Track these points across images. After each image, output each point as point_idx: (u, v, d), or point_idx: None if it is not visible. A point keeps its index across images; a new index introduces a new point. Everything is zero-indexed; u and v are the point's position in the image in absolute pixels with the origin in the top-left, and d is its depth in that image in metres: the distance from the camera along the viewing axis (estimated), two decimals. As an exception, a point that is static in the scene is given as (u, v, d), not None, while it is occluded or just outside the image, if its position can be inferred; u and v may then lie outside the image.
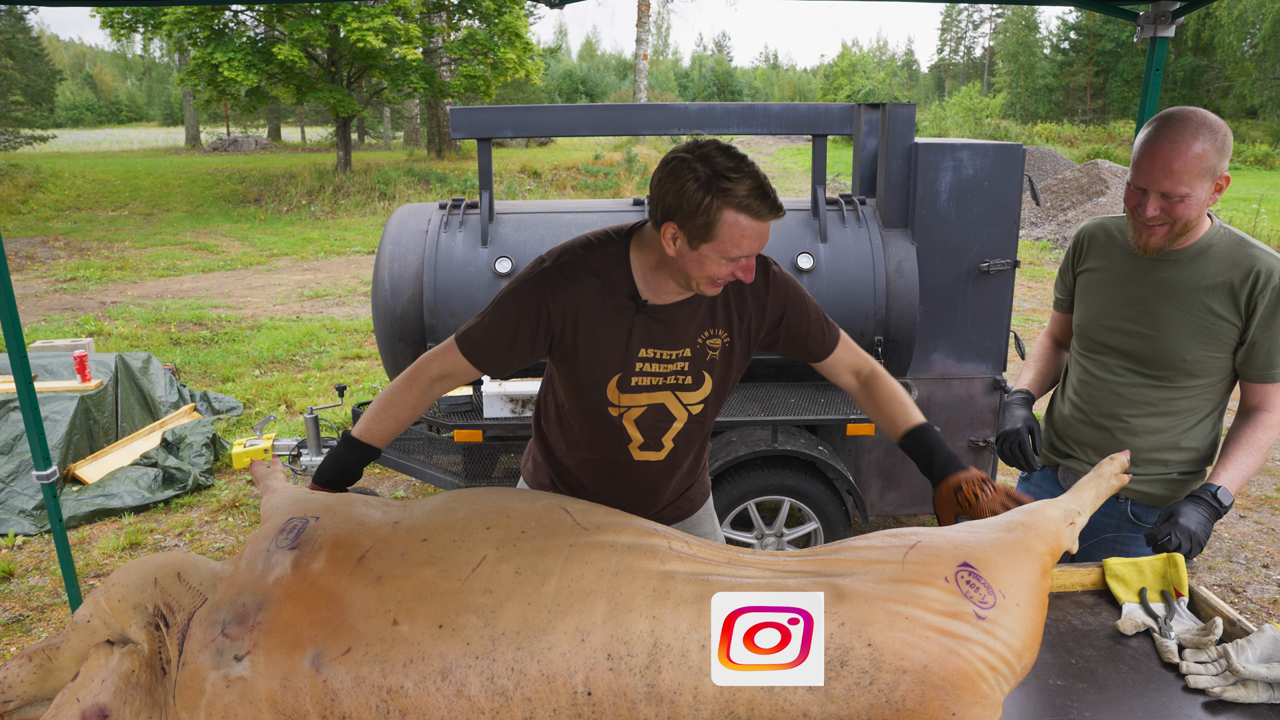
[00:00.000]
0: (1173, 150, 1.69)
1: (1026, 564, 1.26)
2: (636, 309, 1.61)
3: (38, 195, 16.87)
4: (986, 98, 45.25)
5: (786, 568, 1.27)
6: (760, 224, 1.46)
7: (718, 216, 1.43)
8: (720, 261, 1.49)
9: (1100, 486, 1.52)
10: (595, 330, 1.62)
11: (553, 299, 1.59)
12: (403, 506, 1.38)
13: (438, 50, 20.33)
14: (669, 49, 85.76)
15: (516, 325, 1.61)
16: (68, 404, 4.63)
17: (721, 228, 1.44)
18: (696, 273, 1.52)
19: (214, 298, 9.85)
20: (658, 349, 1.65)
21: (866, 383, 1.81)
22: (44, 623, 3.49)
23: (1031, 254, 12.35)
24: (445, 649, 1.12)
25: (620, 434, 1.71)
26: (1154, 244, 1.82)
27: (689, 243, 1.48)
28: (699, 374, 1.69)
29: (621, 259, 1.62)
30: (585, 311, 1.60)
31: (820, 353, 1.78)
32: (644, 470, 1.78)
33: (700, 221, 1.45)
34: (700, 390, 1.71)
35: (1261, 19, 34.00)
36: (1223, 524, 4.38)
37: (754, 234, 1.46)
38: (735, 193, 1.42)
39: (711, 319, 1.67)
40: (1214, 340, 1.84)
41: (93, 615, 1.31)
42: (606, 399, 1.66)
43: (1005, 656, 1.17)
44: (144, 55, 63.92)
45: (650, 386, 1.67)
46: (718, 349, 1.69)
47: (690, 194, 1.44)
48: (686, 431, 1.75)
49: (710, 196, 1.43)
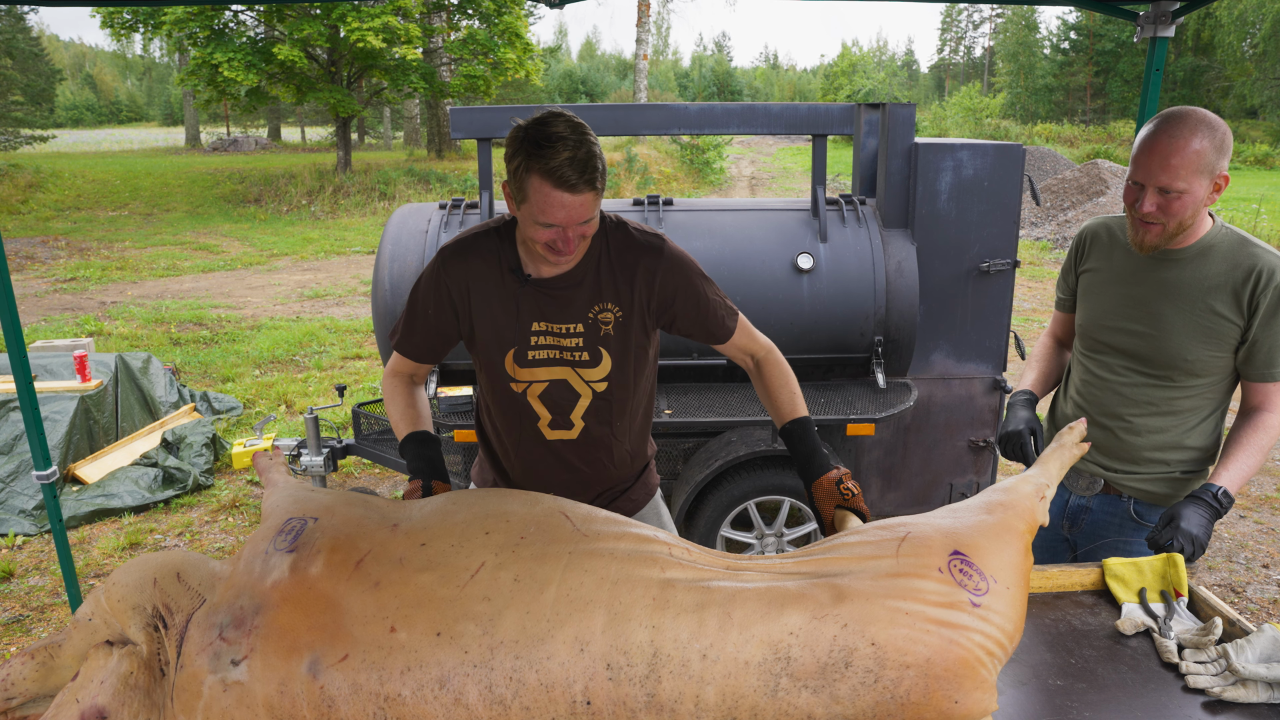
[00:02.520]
0: (1170, 146, 1.70)
1: (1011, 545, 1.29)
2: (521, 282, 1.70)
3: (38, 195, 16.87)
4: (986, 98, 45.22)
5: (784, 570, 1.27)
6: (569, 195, 1.49)
7: (527, 180, 1.50)
8: (535, 226, 1.55)
9: (1064, 457, 1.57)
10: (489, 304, 1.72)
11: (450, 277, 1.71)
12: (402, 508, 1.38)
13: (438, 50, 20.33)
14: (669, 49, 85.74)
15: (426, 309, 1.74)
16: (68, 404, 4.63)
17: (530, 191, 1.51)
18: (526, 234, 1.59)
19: (214, 298, 9.85)
20: (549, 322, 1.72)
21: (759, 366, 1.86)
22: (44, 623, 3.49)
23: (1031, 254, 12.35)
24: (443, 657, 1.12)
25: (527, 411, 1.78)
26: (1150, 241, 1.82)
27: (516, 202, 1.56)
28: (595, 349, 1.74)
29: (509, 236, 1.72)
30: (479, 287, 1.71)
31: (720, 335, 1.83)
32: (561, 451, 1.82)
33: (516, 182, 1.53)
34: (599, 367, 1.75)
35: (1261, 19, 33.98)
36: (1223, 524, 4.38)
37: (559, 204, 1.50)
38: (546, 160, 1.47)
39: (599, 293, 1.72)
40: (1216, 340, 1.84)
41: (94, 614, 1.31)
42: (507, 374, 1.74)
43: (1000, 640, 1.20)
44: (144, 55, 63.90)
45: (547, 360, 1.74)
46: (610, 324, 1.73)
47: (511, 155, 1.52)
48: (595, 410, 1.79)
49: (522, 160, 1.50)
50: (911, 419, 3.81)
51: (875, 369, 3.57)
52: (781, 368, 1.84)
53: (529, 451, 1.83)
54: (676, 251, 1.77)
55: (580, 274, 1.71)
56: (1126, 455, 1.98)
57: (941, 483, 3.91)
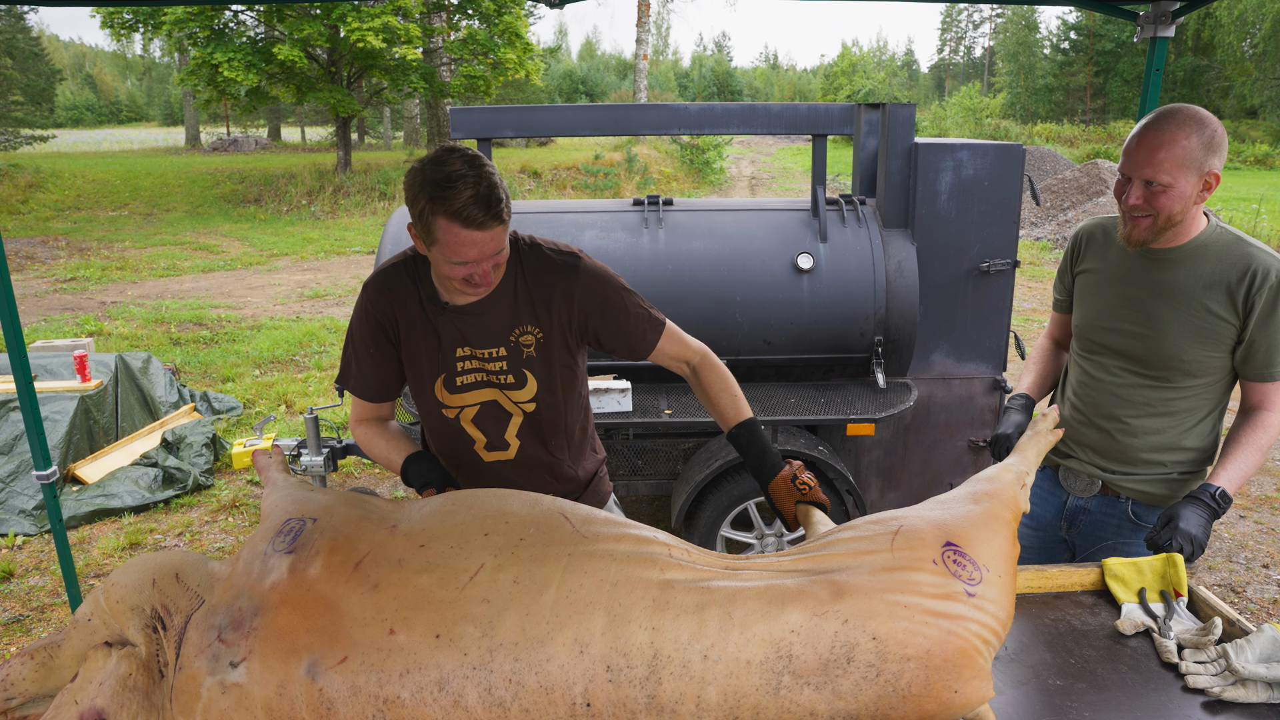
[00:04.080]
0: (1158, 139, 1.71)
1: (999, 533, 1.32)
2: (439, 310, 1.69)
3: (38, 195, 16.87)
4: (986, 98, 45.20)
5: (782, 568, 1.27)
6: (478, 233, 1.48)
7: (433, 222, 1.49)
8: (449, 264, 1.54)
9: (1040, 443, 1.64)
10: (414, 334, 1.71)
11: (377, 310, 1.71)
12: (401, 508, 1.38)
13: (438, 50, 20.32)
14: (669, 49, 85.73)
15: (367, 347, 1.74)
16: (68, 404, 4.63)
17: (438, 233, 1.49)
18: (440, 272, 1.59)
19: (214, 298, 9.85)
20: (472, 348, 1.72)
21: (696, 372, 1.84)
22: (44, 623, 3.49)
23: (1031, 254, 12.34)
24: (442, 659, 1.12)
25: (462, 435, 1.78)
26: (1139, 236, 1.82)
27: (425, 244, 1.55)
28: (519, 372, 1.74)
29: (423, 267, 1.72)
30: (404, 317, 1.71)
31: (642, 349, 1.80)
32: (501, 472, 1.81)
33: (423, 225, 1.51)
34: (525, 389, 1.75)
35: (1261, 19, 33.97)
36: (1223, 524, 4.38)
37: (471, 241, 1.49)
38: (450, 201, 1.46)
39: (516, 316, 1.72)
40: (1212, 340, 1.84)
41: (93, 615, 1.31)
42: (438, 400, 1.74)
43: (994, 628, 1.22)
44: (144, 55, 63.88)
45: (475, 384, 1.74)
46: (532, 345, 1.73)
47: (414, 200, 1.50)
48: (528, 428, 1.79)
49: (425, 203, 1.48)
50: (911, 419, 3.81)
51: (875, 369, 3.57)
52: (719, 371, 1.82)
53: (470, 474, 1.83)
54: (594, 267, 1.75)
55: (497, 298, 1.70)
56: (1124, 456, 1.98)
57: (941, 483, 3.91)
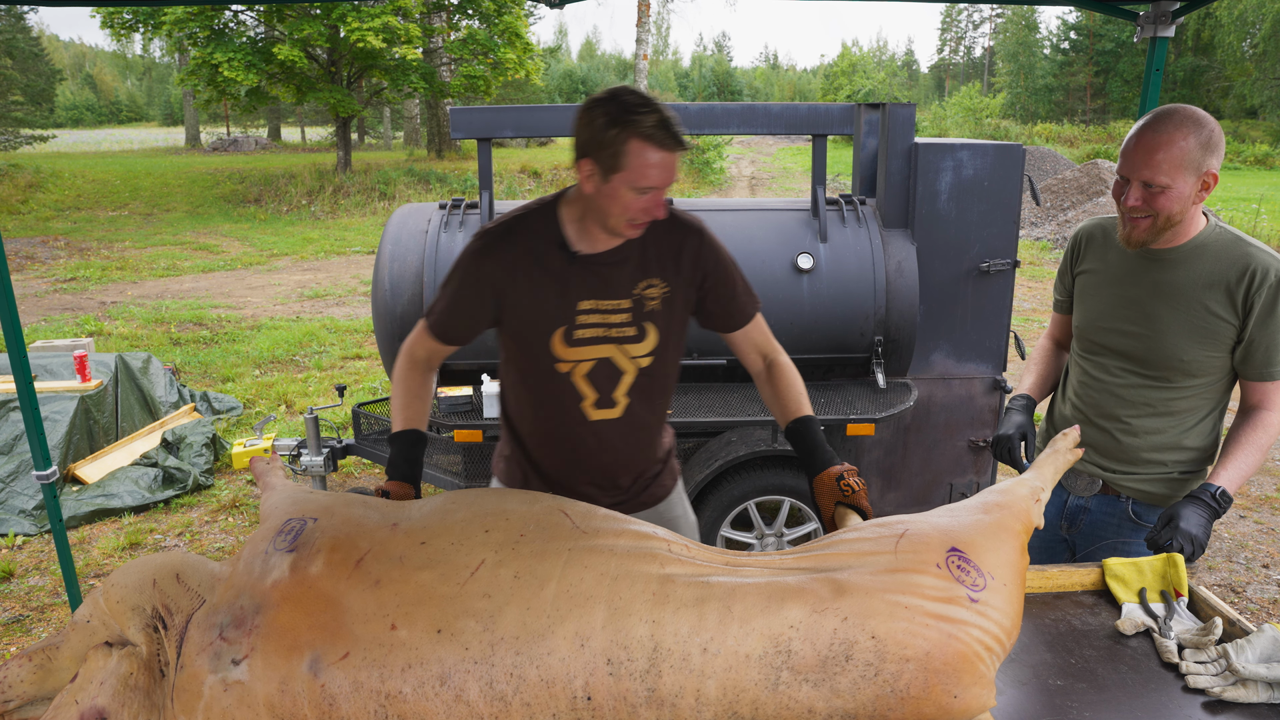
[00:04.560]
0: (1155, 140, 1.72)
1: (1008, 543, 1.31)
2: (569, 260, 1.70)
3: (38, 195, 16.87)
4: (986, 98, 45.22)
5: (784, 565, 1.27)
6: (665, 154, 1.55)
7: (624, 147, 1.53)
8: (630, 194, 1.57)
9: (1058, 462, 1.60)
10: (535, 285, 1.71)
11: (492, 260, 1.70)
12: (401, 508, 1.38)
13: (438, 50, 20.33)
14: (669, 49, 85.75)
15: (466, 292, 1.73)
16: (68, 404, 4.63)
17: (628, 157, 1.53)
18: (612, 208, 1.60)
19: (214, 298, 9.85)
20: (597, 300, 1.72)
21: (770, 367, 1.88)
22: (44, 623, 3.49)
23: (1031, 254, 12.35)
24: (444, 654, 1.12)
25: (571, 391, 1.77)
26: (1138, 237, 1.82)
27: (602, 176, 1.57)
28: (641, 326, 1.75)
29: (551, 216, 1.73)
30: (524, 268, 1.70)
31: (739, 320, 1.85)
32: (604, 431, 1.82)
33: (610, 152, 1.54)
34: (644, 343, 1.77)
35: (1261, 19, 33.99)
36: (1223, 524, 4.38)
37: (659, 165, 1.55)
38: (641, 124, 1.52)
39: (644, 269, 1.75)
40: (1211, 339, 1.84)
41: (92, 615, 1.31)
42: (554, 354, 1.73)
43: (998, 635, 1.21)
44: (144, 55, 63.86)
45: (594, 339, 1.74)
46: (657, 299, 1.76)
47: (600, 128, 1.54)
48: (639, 386, 1.80)
49: (618, 129, 1.53)
50: (911, 419, 3.81)
51: (875, 369, 3.57)
52: (793, 373, 1.87)
53: (571, 434, 1.82)
54: (713, 235, 1.83)
55: (626, 251, 1.73)
56: (1124, 456, 1.98)
57: (941, 483, 3.91)
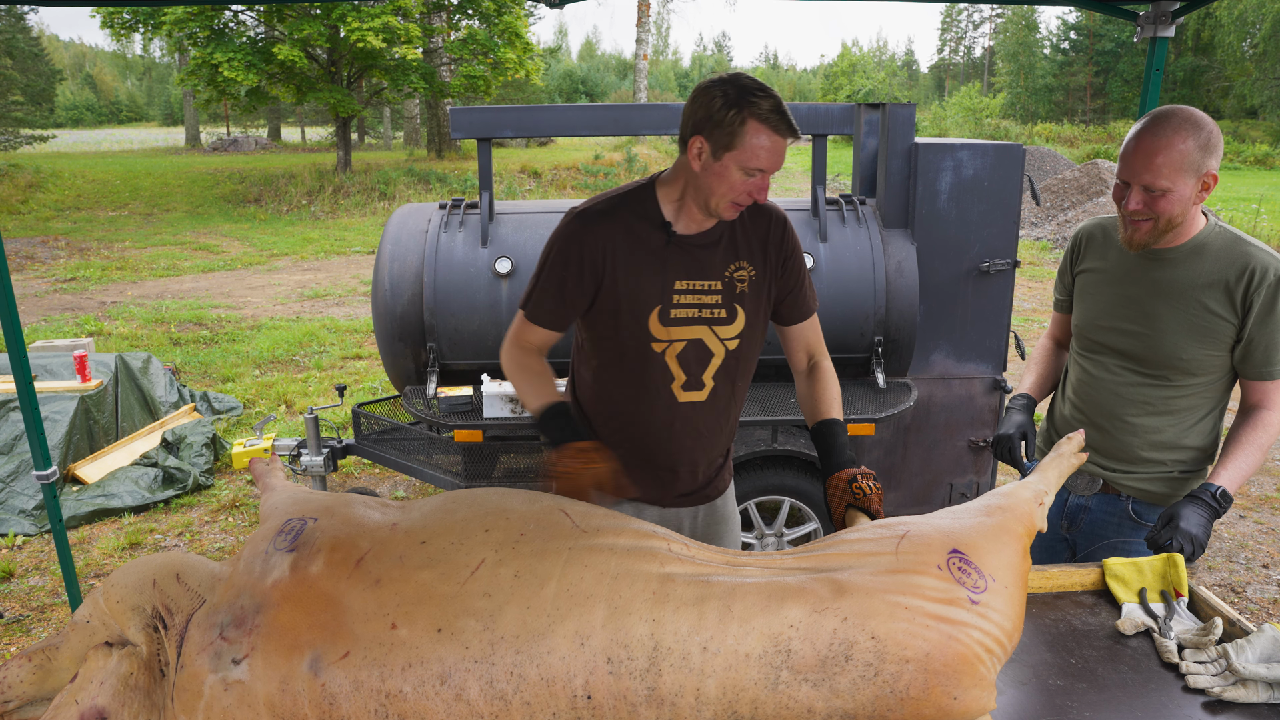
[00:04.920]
0: (1155, 144, 1.72)
1: (1009, 546, 1.30)
2: (667, 239, 1.72)
3: (38, 195, 16.87)
4: (986, 98, 45.24)
5: (784, 565, 1.27)
6: (778, 140, 1.59)
7: (742, 127, 1.57)
8: (738, 173, 1.60)
9: (1062, 466, 1.60)
10: (633, 263, 1.72)
11: (590, 238, 1.71)
12: (401, 508, 1.38)
13: (438, 50, 20.32)
14: (669, 49, 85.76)
15: (564, 272, 1.73)
16: (68, 404, 4.63)
17: (744, 137, 1.57)
18: (717, 187, 1.63)
19: (214, 298, 9.85)
20: (691, 280, 1.75)
21: (815, 369, 1.92)
22: (44, 623, 3.49)
23: (1031, 254, 12.35)
24: (444, 653, 1.12)
25: (663, 372, 1.78)
26: (1140, 239, 1.83)
27: (713, 153, 1.60)
28: (731, 307, 1.78)
29: (649, 195, 1.75)
30: (623, 246, 1.72)
31: (800, 315, 1.91)
32: (690, 415, 1.83)
33: (725, 130, 1.58)
34: (734, 324, 1.79)
35: (1261, 19, 33.99)
36: (1223, 524, 4.38)
37: (771, 149, 1.59)
38: (759, 106, 1.56)
39: (734, 251, 1.78)
40: (1211, 338, 1.84)
41: (92, 616, 1.31)
42: (650, 333, 1.75)
43: (999, 638, 1.21)
44: (144, 55, 63.88)
45: (688, 319, 1.76)
46: (746, 281, 1.79)
47: (718, 108, 1.58)
48: (725, 369, 1.82)
49: (736, 109, 1.57)
50: (911, 419, 3.81)
51: (875, 369, 3.57)
52: (833, 377, 1.91)
53: (658, 417, 1.82)
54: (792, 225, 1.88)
55: (718, 232, 1.76)
56: (1124, 455, 1.98)
57: (941, 483, 3.91)
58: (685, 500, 1.94)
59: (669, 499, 1.92)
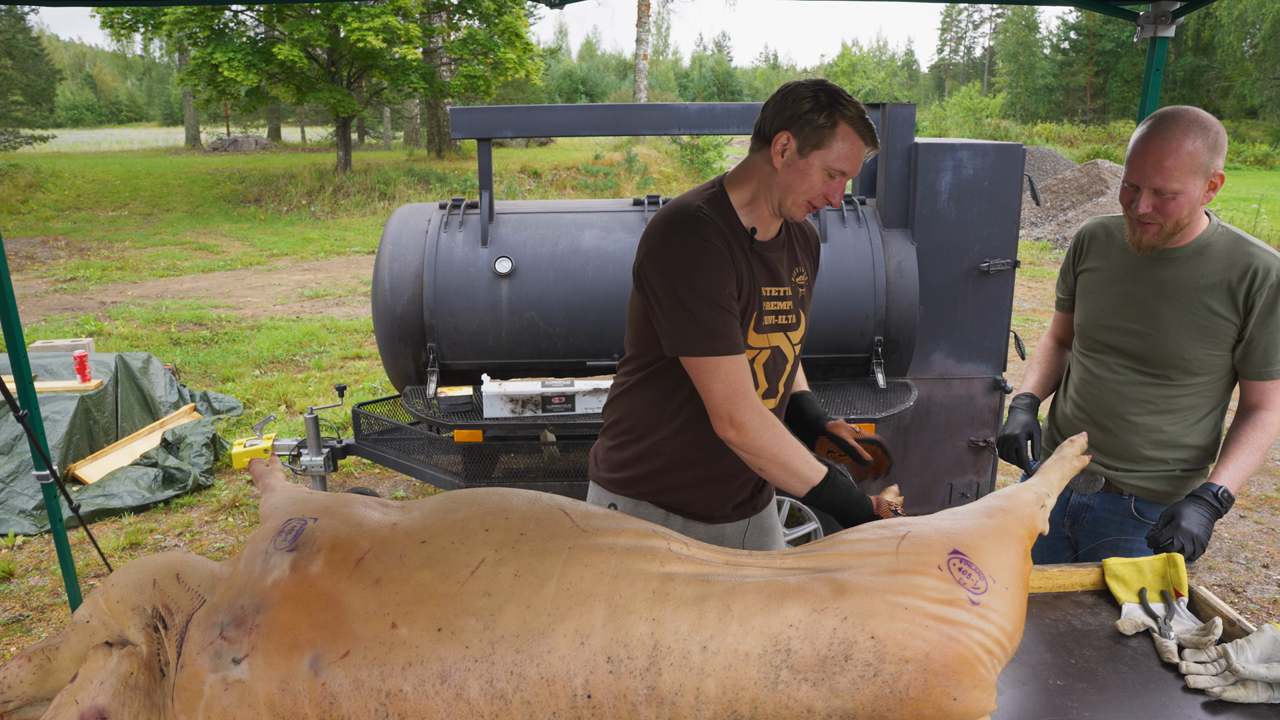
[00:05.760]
0: (1164, 148, 1.71)
1: (1010, 547, 1.30)
2: (750, 244, 1.70)
3: (38, 195, 16.87)
4: (986, 98, 45.26)
5: (784, 565, 1.27)
6: (862, 147, 1.62)
7: (833, 130, 1.59)
8: (821, 174, 1.61)
9: (1064, 468, 1.59)
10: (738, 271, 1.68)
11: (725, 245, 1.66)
12: (401, 507, 1.38)
13: (438, 50, 20.33)
14: (669, 49, 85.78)
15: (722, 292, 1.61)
16: (68, 404, 4.63)
17: (834, 139, 1.59)
18: (798, 185, 1.63)
19: (214, 298, 9.85)
20: (773, 286, 1.74)
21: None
22: (44, 623, 3.49)
23: (1031, 254, 12.35)
24: (444, 652, 1.12)
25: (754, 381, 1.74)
26: (1148, 241, 1.83)
27: (799, 150, 1.61)
28: (798, 312, 1.80)
29: (724, 202, 1.70)
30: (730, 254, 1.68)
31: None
32: None
33: (815, 129, 1.59)
34: (799, 330, 1.81)
35: (1261, 19, 34.00)
36: (1223, 524, 4.38)
37: (855, 154, 1.61)
38: (849, 111, 1.60)
39: (794, 257, 1.80)
40: (1212, 338, 1.84)
41: (92, 616, 1.31)
42: (747, 342, 1.71)
43: (999, 639, 1.20)
44: (144, 55, 63.93)
45: (772, 326, 1.75)
46: (805, 287, 1.82)
47: (808, 109, 1.60)
48: (790, 376, 1.84)
49: (829, 111, 1.59)
50: (911, 419, 3.81)
51: (875, 369, 3.57)
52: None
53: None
54: None
55: (782, 238, 1.77)
56: (1126, 453, 1.98)
57: (941, 483, 3.91)
58: (736, 513, 1.87)
59: (720, 514, 1.84)
